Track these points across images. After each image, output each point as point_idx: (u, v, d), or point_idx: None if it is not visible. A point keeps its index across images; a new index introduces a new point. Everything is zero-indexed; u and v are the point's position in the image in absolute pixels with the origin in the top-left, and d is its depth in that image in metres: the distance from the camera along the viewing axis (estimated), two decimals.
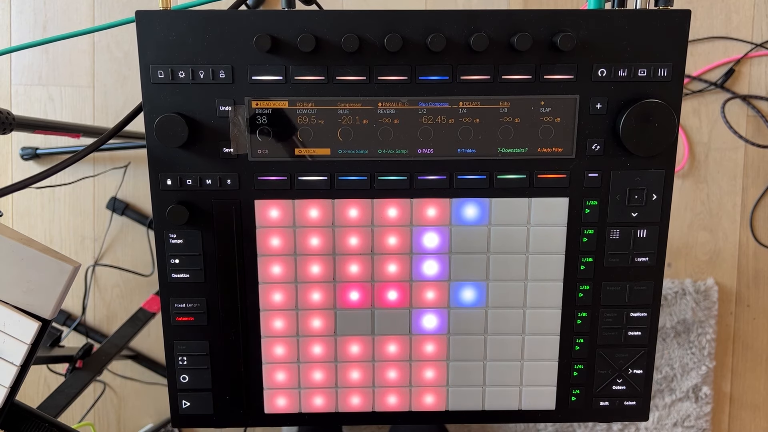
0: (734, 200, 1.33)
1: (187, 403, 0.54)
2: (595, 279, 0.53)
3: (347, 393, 0.55)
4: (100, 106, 1.32)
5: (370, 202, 0.51)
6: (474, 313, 0.53)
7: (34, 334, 0.45)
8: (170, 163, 0.50)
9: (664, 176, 0.51)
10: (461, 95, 0.49)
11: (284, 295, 0.52)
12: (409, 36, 0.48)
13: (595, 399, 0.55)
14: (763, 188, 1.32)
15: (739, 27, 1.30)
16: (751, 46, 1.30)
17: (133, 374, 1.37)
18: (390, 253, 0.52)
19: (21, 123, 0.80)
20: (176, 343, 0.53)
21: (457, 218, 0.51)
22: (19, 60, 1.30)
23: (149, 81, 0.48)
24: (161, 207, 0.50)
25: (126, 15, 1.23)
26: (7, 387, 0.46)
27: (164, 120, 0.48)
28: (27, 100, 1.32)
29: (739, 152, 1.32)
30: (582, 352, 0.54)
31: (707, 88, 1.30)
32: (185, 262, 0.51)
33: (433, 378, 0.54)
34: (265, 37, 0.47)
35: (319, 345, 0.54)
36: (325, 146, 0.50)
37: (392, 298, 0.53)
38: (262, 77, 0.48)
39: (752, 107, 1.31)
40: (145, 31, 0.48)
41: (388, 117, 0.49)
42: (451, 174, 0.51)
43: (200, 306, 0.52)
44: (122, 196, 1.34)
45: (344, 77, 0.48)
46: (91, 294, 1.35)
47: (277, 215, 0.51)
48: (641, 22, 0.48)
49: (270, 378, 0.54)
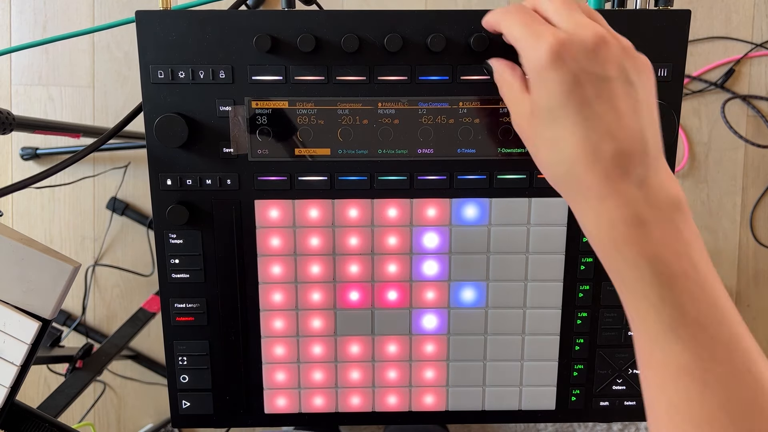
0: (734, 200, 1.33)
1: (187, 403, 0.54)
2: (595, 279, 0.53)
3: (347, 393, 0.55)
4: (100, 106, 1.32)
5: (370, 202, 0.51)
6: (474, 313, 0.53)
7: (34, 334, 0.45)
8: (170, 163, 0.50)
9: None
10: (461, 95, 0.49)
11: (284, 295, 0.52)
12: (409, 36, 0.48)
13: (595, 399, 0.55)
14: (763, 188, 1.32)
15: (739, 27, 1.30)
16: (751, 46, 1.30)
17: (133, 374, 1.37)
18: (390, 253, 0.52)
19: (21, 123, 0.80)
20: (176, 343, 0.53)
21: (457, 218, 0.51)
22: (19, 60, 1.31)
23: (149, 81, 0.48)
24: (161, 207, 0.50)
25: (126, 15, 1.23)
26: (7, 387, 0.46)
27: (164, 120, 0.48)
28: (27, 100, 1.32)
29: (739, 152, 1.32)
30: (582, 352, 0.54)
31: (707, 88, 1.31)
32: (185, 262, 0.51)
33: (433, 378, 0.54)
34: (265, 37, 0.47)
35: (319, 345, 0.54)
36: (325, 146, 0.50)
37: (392, 298, 0.53)
38: (262, 77, 0.48)
39: (752, 107, 1.31)
40: (145, 31, 0.48)
41: (388, 117, 0.49)
42: (451, 174, 0.51)
43: (200, 306, 0.52)
44: (122, 196, 1.34)
45: (344, 77, 0.49)
46: (91, 294, 1.35)
47: (277, 215, 0.51)
48: (641, 22, 0.48)
49: (270, 378, 0.54)
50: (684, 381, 0.34)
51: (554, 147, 0.38)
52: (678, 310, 0.34)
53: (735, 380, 0.33)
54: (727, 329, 0.34)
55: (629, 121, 0.37)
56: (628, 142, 0.36)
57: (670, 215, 0.36)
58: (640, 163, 0.36)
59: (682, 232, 0.36)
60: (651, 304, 0.35)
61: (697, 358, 0.34)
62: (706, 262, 0.36)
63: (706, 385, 0.34)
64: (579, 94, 0.37)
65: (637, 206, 0.36)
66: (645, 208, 0.36)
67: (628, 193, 0.36)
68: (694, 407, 0.34)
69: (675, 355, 0.35)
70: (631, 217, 0.36)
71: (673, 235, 0.35)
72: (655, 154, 0.37)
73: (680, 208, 0.36)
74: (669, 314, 0.35)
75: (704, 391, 0.34)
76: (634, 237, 0.36)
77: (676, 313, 0.34)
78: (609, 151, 0.36)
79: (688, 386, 0.34)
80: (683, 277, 0.35)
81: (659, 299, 0.35)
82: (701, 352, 0.34)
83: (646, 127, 0.37)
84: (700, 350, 0.34)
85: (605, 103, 0.37)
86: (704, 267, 0.35)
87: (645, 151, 0.36)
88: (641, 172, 0.36)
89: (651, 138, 0.37)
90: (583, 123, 0.37)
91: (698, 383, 0.34)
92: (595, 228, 0.38)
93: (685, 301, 0.34)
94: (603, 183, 0.36)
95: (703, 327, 0.34)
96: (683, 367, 0.34)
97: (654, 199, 0.36)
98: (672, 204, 0.36)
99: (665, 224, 0.36)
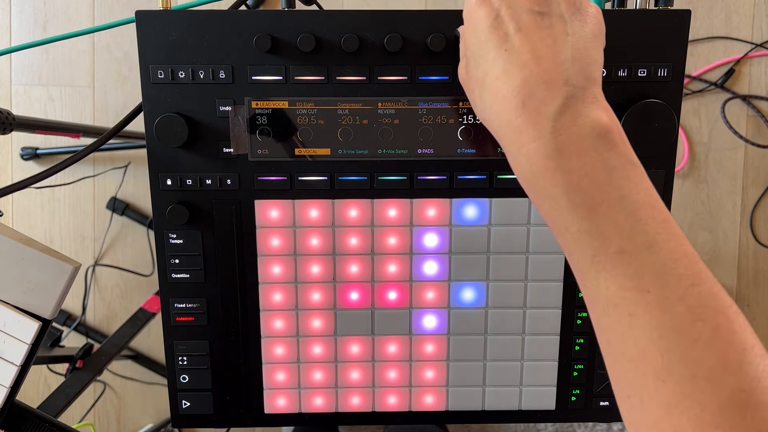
0: (734, 200, 1.33)
1: (187, 403, 0.54)
2: None
3: (347, 393, 0.55)
4: (100, 106, 1.32)
5: (370, 202, 0.51)
6: (474, 313, 0.53)
7: (34, 334, 0.45)
8: (170, 163, 0.50)
9: (664, 176, 0.51)
10: (461, 95, 0.49)
11: (284, 295, 0.52)
12: (409, 36, 0.48)
13: (595, 399, 0.55)
14: (763, 188, 1.32)
15: (739, 27, 1.30)
16: (751, 46, 1.30)
17: (133, 374, 1.37)
18: (390, 253, 0.52)
19: (21, 123, 0.80)
20: (176, 343, 0.53)
21: (457, 218, 0.51)
22: (19, 60, 1.30)
23: (149, 81, 0.48)
24: (161, 207, 0.50)
25: (126, 15, 1.23)
26: (7, 387, 0.46)
27: (164, 120, 0.48)
28: (27, 100, 1.32)
29: (739, 152, 1.32)
30: (582, 352, 0.54)
31: (707, 88, 1.31)
32: (185, 262, 0.51)
33: (433, 378, 0.54)
34: (265, 37, 0.47)
35: (319, 345, 0.54)
36: (325, 146, 0.50)
37: (392, 298, 0.53)
38: (262, 77, 0.48)
39: (752, 107, 1.31)
40: (145, 31, 0.48)
41: (388, 117, 0.49)
42: (451, 174, 0.51)
43: (200, 306, 0.52)
44: (122, 196, 1.34)
45: (344, 77, 0.49)
46: (91, 294, 1.35)
47: (277, 215, 0.51)
48: (641, 22, 0.48)
49: (270, 378, 0.54)
50: (614, 314, 0.32)
51: (483, 86, 0.39)
52: (598, 239, 0.33)
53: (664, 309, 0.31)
54: (661, 257, 0.32)
55: (547, 51, 0.36)
56: (544, 72, 0.36)
57: (592, 144, 0.34)
58: (559, 93, 0.35)
59: (607, 161, 0.34)
60: (572, 237, 0.34)
61: (622, 289, 0.32)
62: (639, 190, 0.34)
63: (632, 317, 0.32)
64: (500, 28, 0.37)
65: (552, 138, 0.35)
66: (562, 139, 0.35)
67: (544, 124, 0.35)
68: (625, 341, 0.32)
69: (602, 287, 0.33)
70: (545, 147, 0.35)
71: (593, 164, 0.34)
72: (582, 85, 0.36)
73: (605, 137, 0.35)
74: (590, 245, 0.33)
75: (632, 322, 0.32)
76: (549, 168, 0.35)
77: (597, 243, 0.33)
78: (522, 81, 0.36)
79: (618, 319, 0.32)
80: (604, 206, 0.33)
81: (579, 231, 0.34)
82: (626, 283, 0.32)
83: (570, 59, 0.36)
84: (625, 281, 0.32)
85: (524, 35, 0.37)
86: (635, 195, 0.34)
87: (566, 82, 0.35)
88: (559, 103, 0.35)
89: (576, 70, 0.36)
90: (503, 56, 0.37)
91: (625, 315, 0.32)
92: (517, 164, 0.37)
93: (607, 231, 0.33)
94: (520, 115, 0.36)
95: (629, 256, 0.32)
96: (610, 300, 0.33)
97: (573, 128, 0.35)
98: (594, 133, 0.34)
99: (584, 154, 0.34)
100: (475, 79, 0.40)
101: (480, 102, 0.40)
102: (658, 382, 0.30)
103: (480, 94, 0.39)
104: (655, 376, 0.31)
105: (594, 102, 0.36)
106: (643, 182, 0.34)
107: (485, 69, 0.38)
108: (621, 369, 0.33)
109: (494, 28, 0.38)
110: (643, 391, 0.31)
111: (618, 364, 0.33)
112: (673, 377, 0.30)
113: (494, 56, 0.37)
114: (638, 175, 0.35)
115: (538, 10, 0.37)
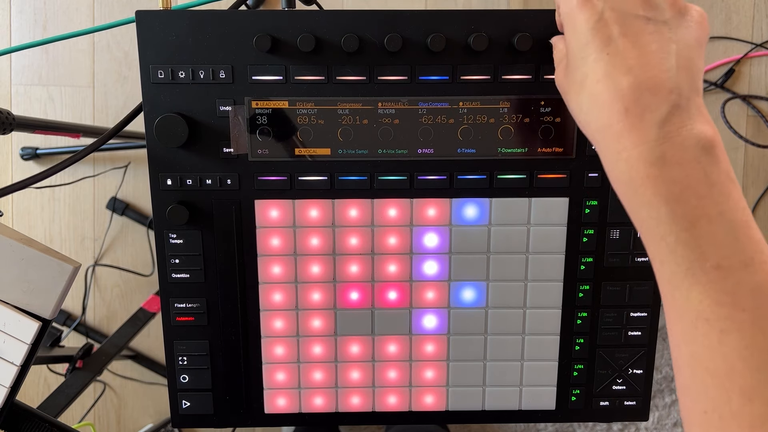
0: None
1: (187, 403, 0.54)
2: (595, 279, 0.53)
3: (347, 393, 0.55)
4: (100, 106, 1.32)
5: (370, 202, 0.51)
6: (474, 313, 0.53)
7: (34, 334, 0.45)
8: (170, 163, 0.50)
9: None
10: (461, 95, 0.49)
11: (284, 295, 0.52)
12: (409, 36, 0.48)
13: (595, 399, 0.55)
14: (763, 188, 1.32)
15: (739, 27, 1.30)
16: (751, 46, 1.30)
17: (133, 374, 1.37)
18: (390, 253, 0.52)
19: (21, 123, 0.80)
20: (176, 343, 0.53)
21: (457, 218, 0.51)
22: (19, 60, 1.31)
23: (149, 81, 0.48)
24: (161, 207, 0.50)
25: (126, 15, 1.24)
26: (7, 387, 0.46)
27: (164, 120, 0.48)
28: (27, 100, 1.32)
29: (739, 152, 1.32)
30: (582, 352, 0.54)
31: (707, 88, 1.31)
32: (185, 262, 0.51)
33: (433, 378, 0.54)
34: (265, 37, 0.47)
35: (319, 345, 0.54)
36: (325, 146, 0.50)
37: (392, 298, 0.53)
38: (262, 77, 0.48)
39: (752, 107, 1.31)
40: (145, 31, 0.48)
41: (388, 117, 0.49)
42: (451, 174, 0.51)
43: (200, 306, 0.52)
44: (122, 196, 1.34)
45: (344, 77, 0.49)
46: (91, 294, 1.35)
47: (277, 215, 0.51)
48: None
49: (270, 378, 0.54)
50: (702, 328, 0.32)
51: (581, 88, 0.38)
52: (696, 253, 0.33)
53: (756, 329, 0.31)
54: (754, 276, 0.32)
55: (653, 58, 0.35)
56: (650, 78, 0.35)
57: (696, 156, 0.34)
58: (665, 101, 0.35)
59: (709, 175, 0.33)
60: (668, 247, 0.34)
61: (716, 304, 0.32)
62: (737, 209, 0.33)
63: (724, 333, 0.32)
64: (603, 31, 0.37)
65: (656, 145, 0.34)
66: (666, 148, 0.34)
67: (648, 131, 0.34)
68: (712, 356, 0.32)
69: (693, 300, 0.33)
70: (648, 155, 0.34)
71: (696, 176, 0.33)
72: (687, 95, 0.35)
73: (709, 151, 0.34)
74: (687, 257, 0.33)
75: (722, 338, 0.32)
76: (651, 176, 0.34)
77: (694, 256, 0.33)
78: (628, 86, 0.35)
79: (706, 333, 0.32)
80: (704, 220, 0.33)
81: (677, 242, 0.33)
82: (721, 298, 0.32)
83: (676, 67, 0.36)
84: (719, 296, 0.32)
85: (629, 39, 0.36)
86: (734, 212, 0.33)
87: (672, 90, 0.35)
88: (665, 111, 0.34)
89: (680, 78, 0.36)
90: (606, 59, 0.36)
91: (716, 330, 0.32)
92: (615, 169, 0.36)
93: (705, 245, 0.33)
94: (622, 120, 0.35)
95: (724, 272, 0.32)
96: (701, 313, 0.32)
97: (678, 138, 0.34)
98: (699, 145, 0.34)
99: (687, 165, 0.34)
100: (573, 81, 0.39)
101: (576, 104, 0.39)
102: (743, 401, 0.31)
103: (577, 96, 0.39)
104: (741, 394, 0.31)
105: (699, 114, 0.35)
106: (741, 201, 0.34)
107: (585, 71, 0.38)
108: (702, 383, 0.33)
109: (597, 30, 0.37)
110: (725, 408, 0.31)
111: (699, 378, 0.33)
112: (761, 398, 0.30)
113: (595, 59, 0.37)
114: (737, 193, 0.34)
115: (644, 14, 0.36)
